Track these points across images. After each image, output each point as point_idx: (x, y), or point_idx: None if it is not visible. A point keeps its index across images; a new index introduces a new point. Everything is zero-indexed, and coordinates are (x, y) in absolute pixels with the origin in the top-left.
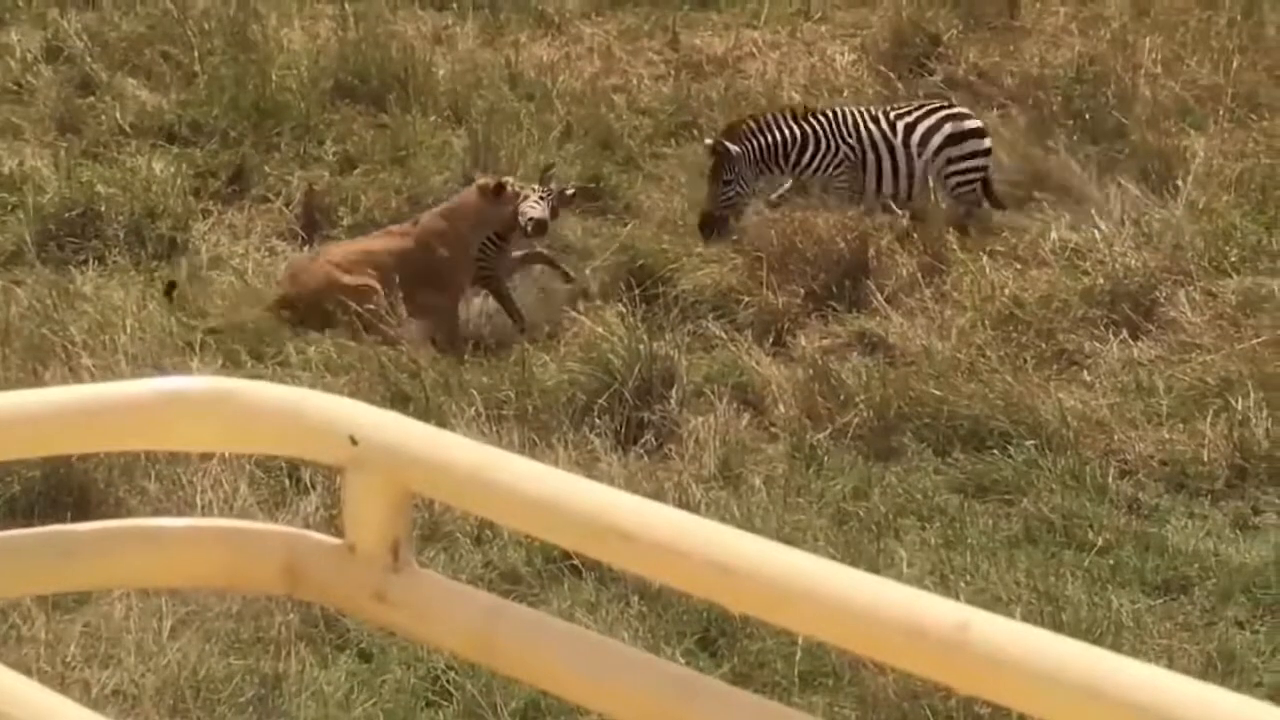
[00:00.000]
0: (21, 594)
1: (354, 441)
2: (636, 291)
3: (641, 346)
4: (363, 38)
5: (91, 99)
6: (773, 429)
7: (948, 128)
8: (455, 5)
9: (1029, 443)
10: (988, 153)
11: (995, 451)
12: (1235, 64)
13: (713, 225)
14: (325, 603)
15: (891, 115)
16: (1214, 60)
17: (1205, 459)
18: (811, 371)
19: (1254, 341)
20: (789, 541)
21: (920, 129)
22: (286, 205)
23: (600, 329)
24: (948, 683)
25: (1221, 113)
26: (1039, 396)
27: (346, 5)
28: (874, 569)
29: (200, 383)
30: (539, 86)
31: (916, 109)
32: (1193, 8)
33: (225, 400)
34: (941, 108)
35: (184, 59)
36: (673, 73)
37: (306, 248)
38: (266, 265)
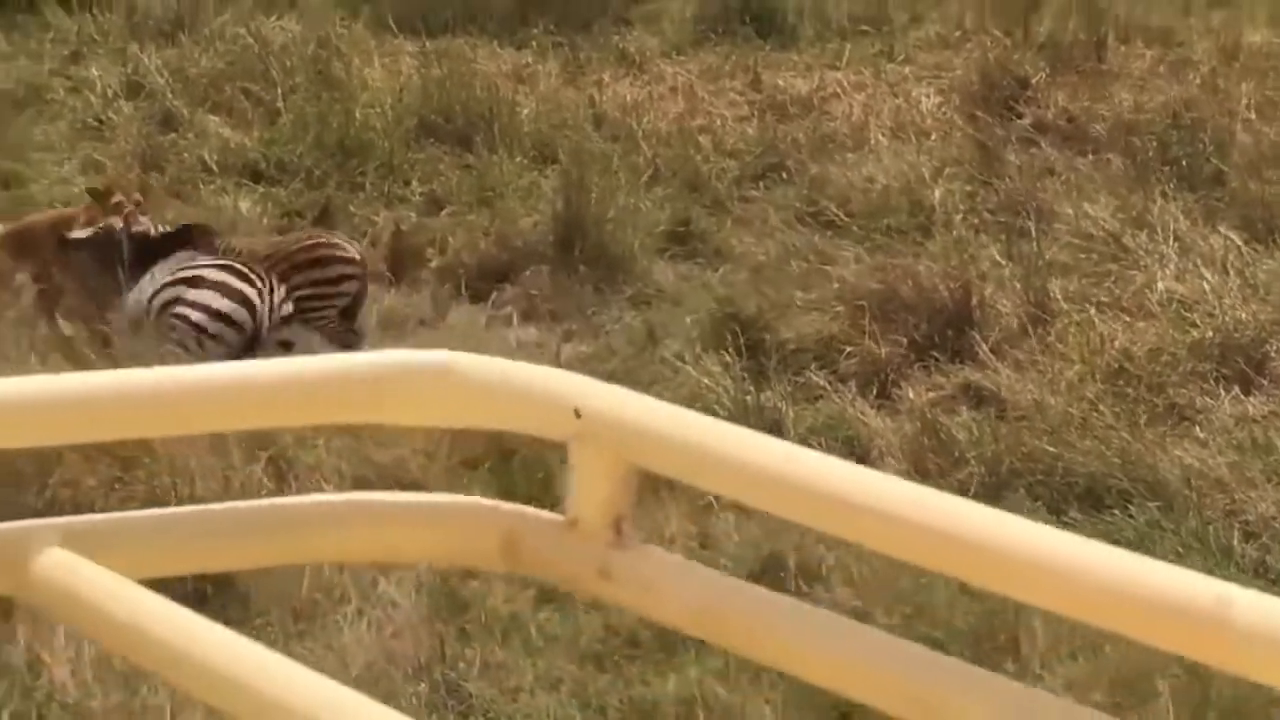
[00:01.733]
0: (243, 566)
1: (578, 415)
2: (742, 340)
3: (749, 398)
4: (446, 76)
5: (173, 136)
6: None
7: None
8: (534, 43)
9: (1151, 503)
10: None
11: (1115, 511)
12: None
13: None
14: (546, 578)
15: None
16: None
17: None
18: (920, 425)
19: None
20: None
21: None
22: (373, 245)
23: (705, 380)
24: (1207, 661)
25: None
26: (1156, 454)
27: (427, 43)
28: (1014, 638)
29: (423, 356)
30: (624, 127)
31: None
32: (1277, 50)
33: (448, 374)
34: None
35: (265, 96)
36: (757, 114)
37: (393, 289)
38: None
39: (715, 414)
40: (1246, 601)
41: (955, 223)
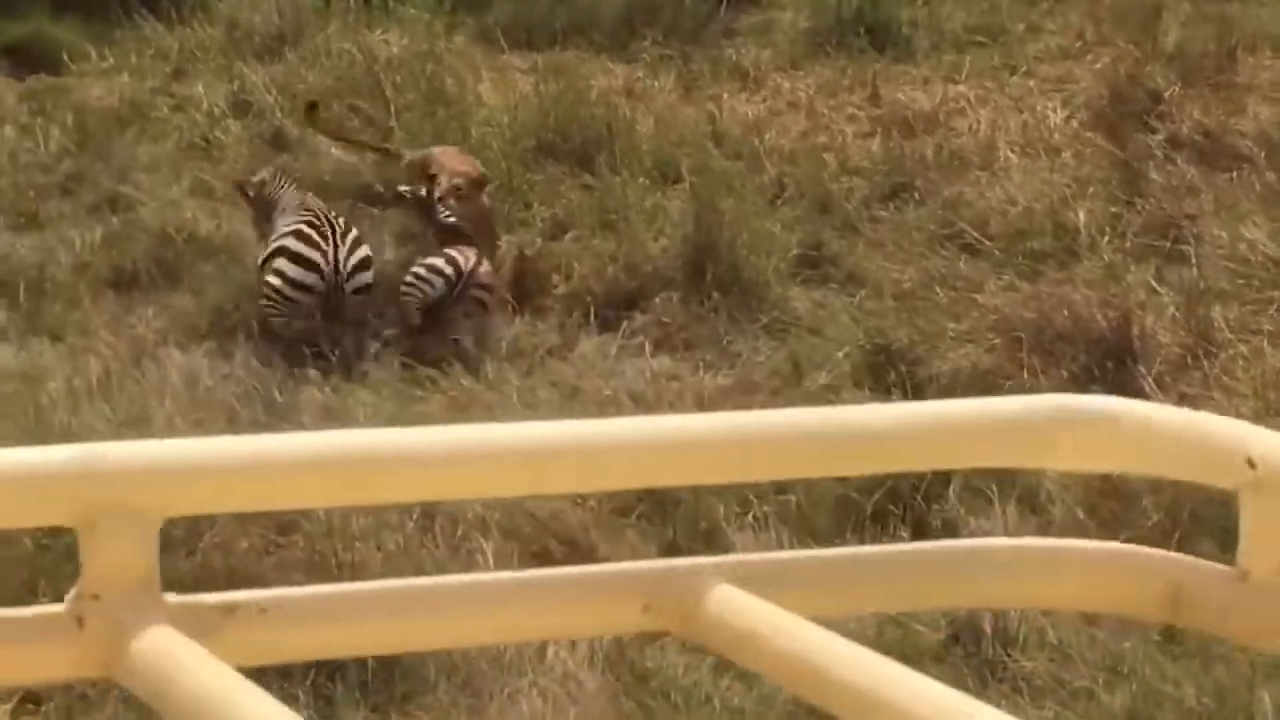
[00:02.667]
0: (880, 609)
1: (1251, 465)
2: (896, 374)
3: None
4: (561, 93)
5: (285, 156)
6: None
7: None
8: (644, 57)
9: None
10: None
11: None
12: None
13: None
14: (1210, 630)
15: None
16: None
17: None
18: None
19: None
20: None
21: None
22: (497, 272)
23: None
24: None
25: None
26: None
27: (536, 58)
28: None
29: (1089, 401)
30: (746, 145)
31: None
32: None
33: (1119, 419)
34: None
35: (376, 114)
36: (879, 130)
37: (519, 317)
38: None
39: None
40: None
41: (1102, 246)
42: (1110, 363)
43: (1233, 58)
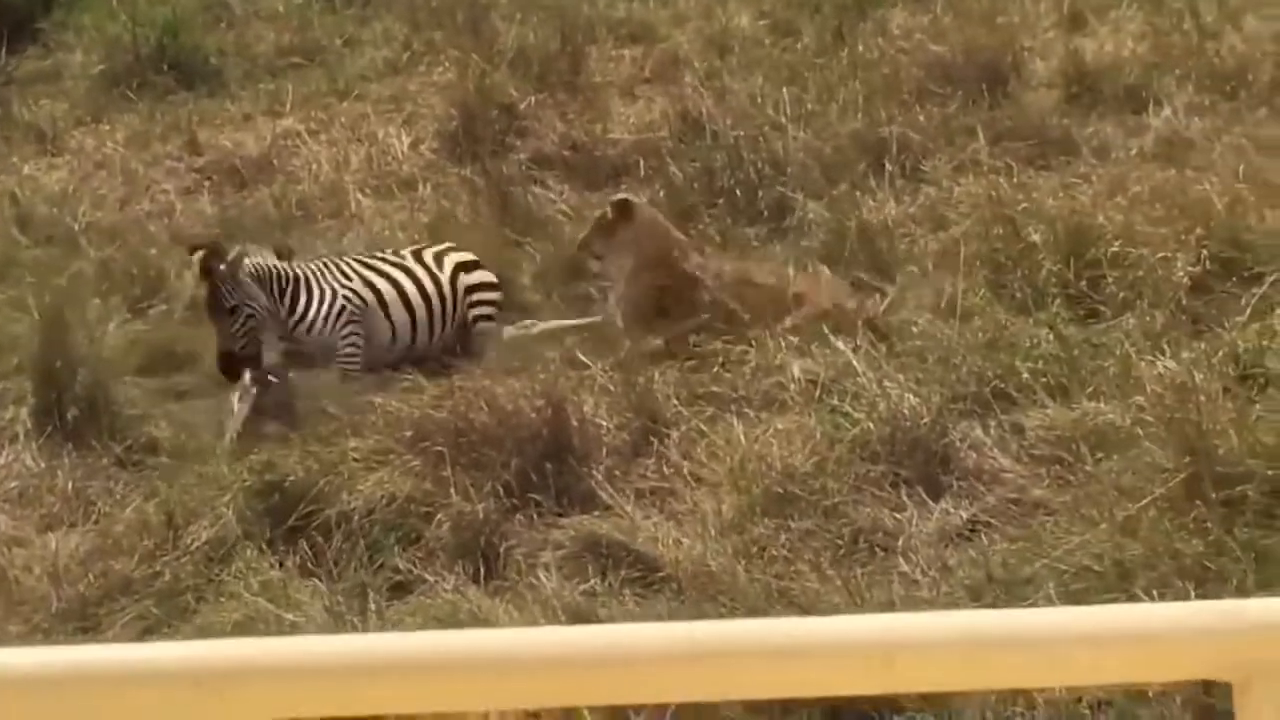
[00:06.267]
0: None
1: None
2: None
3: (356, 618)
4: None
5: None
6: None
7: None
8: None
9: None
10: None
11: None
12: (861, 100)
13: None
14: None
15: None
16: (841, 103)
17: None
18: (564, 620)
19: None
20: None
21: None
22: None
23: (265, 602)
24: None
25: (890, 168)
26: (869, 609)
27: None
28: None
29: None
30: (58, 225)
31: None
32: (764, 36)
33: None
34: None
35: None
36: (206, 184)
37: None
38: None
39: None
40: None
41: None
42: (550, 464)
43: (580, 54)
